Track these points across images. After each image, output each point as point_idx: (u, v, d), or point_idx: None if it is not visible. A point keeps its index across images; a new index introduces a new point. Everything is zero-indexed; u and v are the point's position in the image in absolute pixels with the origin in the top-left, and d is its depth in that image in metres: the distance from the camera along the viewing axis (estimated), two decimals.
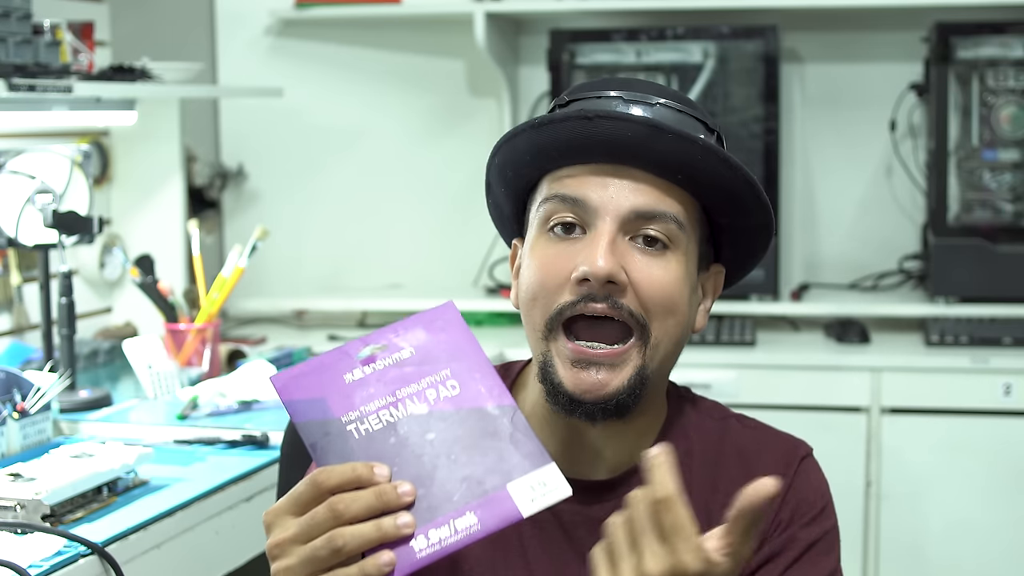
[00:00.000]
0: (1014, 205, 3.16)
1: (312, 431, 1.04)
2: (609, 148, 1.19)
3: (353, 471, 1.02)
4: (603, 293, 1.17)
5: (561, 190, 1.21)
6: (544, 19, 3.42)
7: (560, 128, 1.20)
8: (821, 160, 3.46)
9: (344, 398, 1.05)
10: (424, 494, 1.01)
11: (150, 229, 3.03)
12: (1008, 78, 3.12)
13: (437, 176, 3.58)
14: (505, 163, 1.26)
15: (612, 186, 1.19)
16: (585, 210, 1.19)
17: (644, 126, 1.18)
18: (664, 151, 1.18)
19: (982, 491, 2.92)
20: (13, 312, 2.72)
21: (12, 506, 1.68)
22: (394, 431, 1.04)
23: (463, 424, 1.05)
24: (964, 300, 3.13)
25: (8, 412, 2.06)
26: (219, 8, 3.53)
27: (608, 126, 1.18)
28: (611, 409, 1.20)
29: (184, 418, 2.28)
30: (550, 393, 1.21)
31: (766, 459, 1.28)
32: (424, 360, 1.08)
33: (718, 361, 3.01)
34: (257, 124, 3.53)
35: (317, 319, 3.52)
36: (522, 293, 1.24)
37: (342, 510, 1.00)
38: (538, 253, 1.22)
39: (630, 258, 1.19)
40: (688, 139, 1.18)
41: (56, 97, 2.48)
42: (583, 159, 1.20)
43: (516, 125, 1.25)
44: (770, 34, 3.19)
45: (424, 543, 1.00)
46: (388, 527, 1.00)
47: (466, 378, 1.07)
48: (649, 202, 1.19)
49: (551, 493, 1.02)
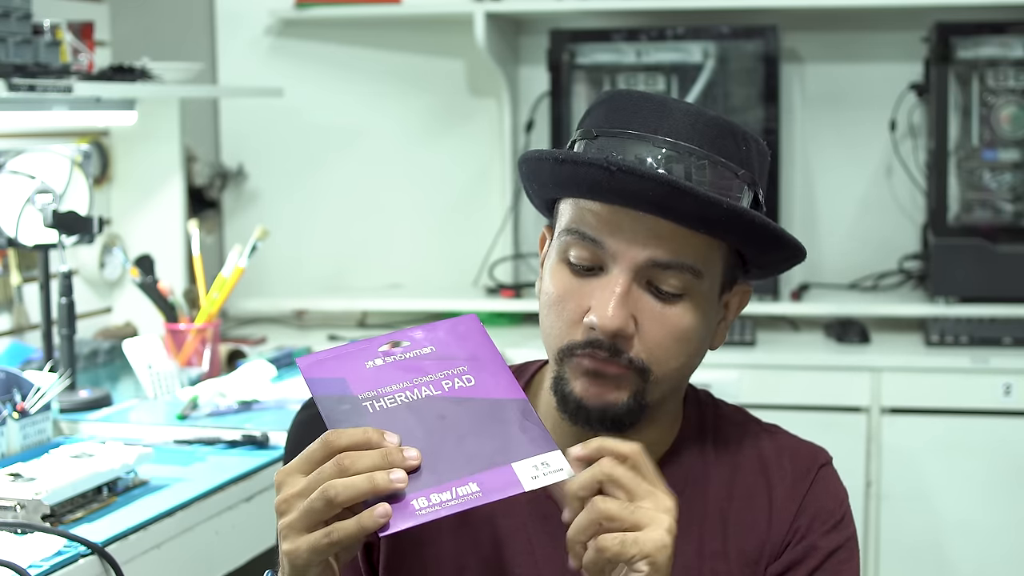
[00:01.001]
0: (1014, 205, 3.16)
1: (329, 404, 1.08)
2: (628, 202, 1.17)
3: (364, 433, 1.05)
4: (609, 342, 1.18)
5: (581, 227, 1.20)
6: (544, 19, 3.42)
7: (582, 171, 1.18)
8: (821, 160, 3.46)
9: (363, 380, 1.10)
10: (430, 464, 1.04)
11: (150, 229, 3.03)
12: (1008, 78, 3.12)
13: (437, 176, 3.58)
14: (530, 178, 1.27)
15: (631, 232, 1.18)
16: (603, 251, 1.19)
17: (664, 186, 1.15)
18: (686, 211, 1.16)
19: (982, 491, 2.92)
20: (13, 312, 2.72)
21: (12, 506, 1.68)
22: (408, 409, 1.08)
23: (475, 410, 1.08)
24: (964, 300, 3.13)
25: (8, 412, 2.06)
26: (219, 8, 3.53)
27: (628, 181, 1.15)
28: (611, 419, 1.20)
29: (184, 418, 2.28)
30: (560, 402, 1.22)
31: (785, 466, 1.28)
32: (443, 356, 1.12)
33: (718, 361, 3.00)
34: (257, 124, 3.53)
35: (317, 319, 3.52)
36: (541, 309, 1.25)
37: (347, 465, 1.02)
38: (556, 280, 1.23)
39: (642, 305, 1.19)
40: (708, 202, 1.15)
41: (56, 97, 2.48)
42: (604, 200, 1.19)
43: (543, 150, 1.24)
44: (770, 34, 3.19)
45: (424, 503, 1.02)
46: (381, 480, 1.02)
47: (481, 374, 1.11)
48: (667, 253, 1.18)
49: (554, 474, 1.05)
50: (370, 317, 3.51)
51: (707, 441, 1.30)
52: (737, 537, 1.26)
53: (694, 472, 1.28)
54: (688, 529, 1.24)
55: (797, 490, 1.27)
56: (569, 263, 1.21)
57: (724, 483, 1.28)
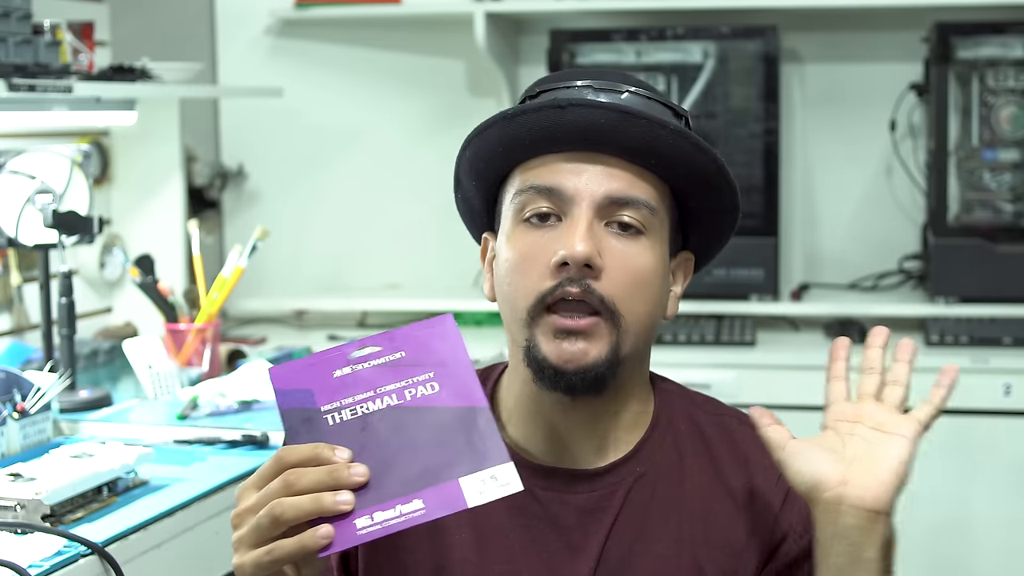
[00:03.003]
0: (1014, 205, 3.16)
1: (292, 417, 1.10)
2: (582, 135, 1.21)
3: (314, 450, 1.06)
4: (579, 276, 1.19)
5: (535, 181, 1.23)
6: (544, 19, 3.42)
7: (532, 118, 1.22)
8: (821, 160, 3.46)
9: (329, 391, 1.10)
10: (379, 479, 1.05)
11: (150, 229, 3.03)
12: (1008, 78, 3.12)
13: (437, 176, 3.55)
14: (477, 155, 1.28)
15: (585, 173, 1.22)
16: (560, 198, 1.22)
17: (616, 112, 1.20)
18: (636, 136, 1.20)
19: (982, 491, 2.92)
20: (13, 312, 2.72)
21: (12, 506, 1.68)
22: (365, 422, 1.09)
23: (433, 419, 1.08)
24: (964, 300, 3.13)
25: (8, 412, 2.06)
26: (219, 8, 3.53)
27: (581, 113, 1.20)
28: (590, 381, 1.21)
29: (184, 418, 2.28)
30: (536, 371, 1.22)
31: (765, 458, 1.28)
32: (412, 363, 1.12)
33: (718, 361, 3.01)
34: (257, 124, 3.53)
35: (317, 319, 3.52)
36: (500, 284, 1.26)
37: (293, 481, 1.04)
38: (516, 243, 1.24)
39: (606, 243, 1.21)
40: (659, 123, 1.21)
41: (56, 97, 2.48)
42: (555, 148, 1.23)
43: (485, 120, 1.26)
44: (770, 34, 3.19)
45: (367, 522, 1.03)
46: (326, 501, 1.03)
47: (446, 380, 1.11)
48: (622, 187, 1.22)
49: (501, 488, 1.05)
50: (370, 317, 3.50)
51: (681, 432, 1.30)
52: (717, 527, 1.26)
53: (670, 463, 1.28)
54: (666, 518, 1.25)
55: (781, 482, 1.26)
56: (527, 221, 1.23)
57: (701, 474, 1.28)
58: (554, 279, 1.20)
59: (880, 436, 1.18)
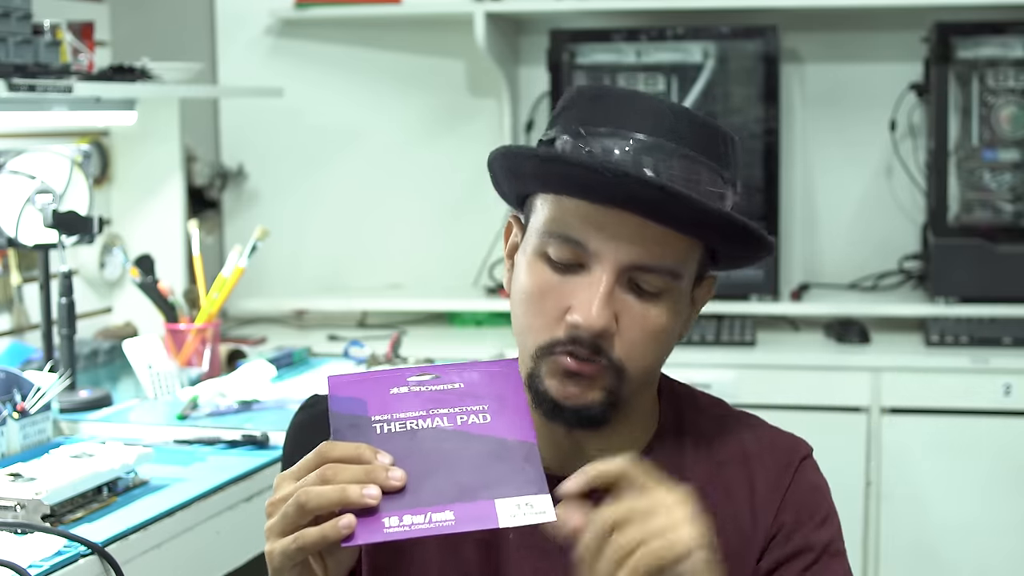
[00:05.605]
0: (1014, 205, 3.16)
1: (341, 420, 1.10)
2: (619, 205, 1.16)
3: (357, 448, 1.06)
4: (591, 341, 1.18)
5: (563, 230, 1.18)
6: (544, 19, 3.42)
7: (566, 170, 1.17)
8: (821, 160, 3.46)
9: (382, 404, 1.12)
10: (416, 487, 1.05)
11: (150, 229, 3.03)
12: (1008, 78, 3.12)
13: (437, 176, 3.58)
14: (508, 170, 1.25)
15: (615, 233, 1.17)
16: (585, 251, 1.18)
17: (659, 191, 1.14)
18: (677, 215, 1.15)
19: (982, 491, 2.92)
20: (13, 312, 2.72)
21: (12, 506, 1.68)
22: (413, 436, 1.09)
23: (480, 446, 1.09)
24: (964, 300, 3.13)
25: (8, 412, 2.06)
26: (219, 8, 3.53)
27: (622, 185, 1.14)
28: (587, 418, 1.21)
29: (184, 418, 2.28)
30: (534, 398, 1.22)
31: (766, 459, 1.28)
32: (469, 394, 1.13)
33: (718, 361, 3.01)
34: (257, 124, 3.53)
35: (317, 319, 3.52)
36: (514, 306, 1.25)
37: (329, 476, 1.04)
38: (534, 274, 1.21)
39: (623, 304, 1.18)
40: (707, 212, 1.15)
41: (56, 97, 2.48)
42: (593, 200, 1.17)
43: (521, 146, 1.23)
44: (770, 34, 3.19)
45: (396, 522, 1.03)
46: (353, 493, 1.03)
47: (499, 414, 1.12)
48: (652, 257, 1.17)
49: (535, 516, 1.05)
50: (370, 317, 3.50)
51: (685, 436, 1.30)
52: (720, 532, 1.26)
53: (672, 468, 1.28)
54: None
55: (779, 484, 1.27)
56: (548, 259, 1.20)
57: (704, 478, 1.28)
58: (565, 332, 1.18)
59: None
